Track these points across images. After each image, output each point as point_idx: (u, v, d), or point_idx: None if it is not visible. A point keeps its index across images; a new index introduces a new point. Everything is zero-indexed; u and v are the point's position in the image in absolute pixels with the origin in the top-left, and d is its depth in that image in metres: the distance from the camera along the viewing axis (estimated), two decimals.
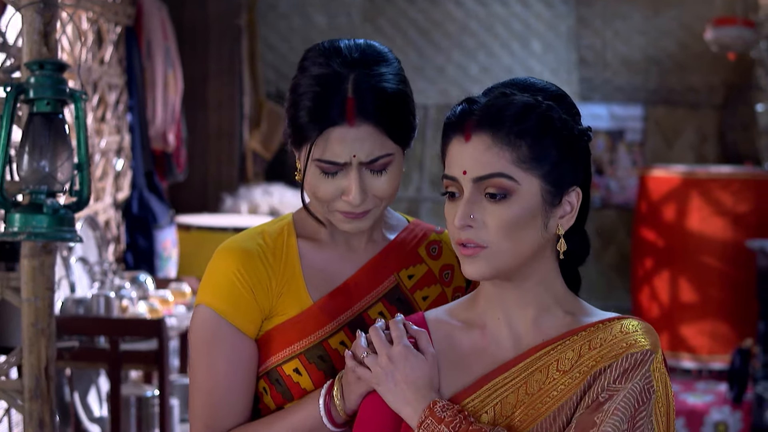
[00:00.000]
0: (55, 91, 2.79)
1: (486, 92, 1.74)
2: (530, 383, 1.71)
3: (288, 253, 1.97)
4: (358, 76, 1.87)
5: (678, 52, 8.54)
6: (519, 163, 1.67)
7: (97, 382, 4.50)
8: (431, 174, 8.57)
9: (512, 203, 1.68)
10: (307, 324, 1.95)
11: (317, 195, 1.90)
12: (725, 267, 6.67)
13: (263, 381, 1.97)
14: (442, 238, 2.09)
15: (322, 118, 1.85)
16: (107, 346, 3.89)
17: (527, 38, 8.65)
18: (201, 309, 1.95)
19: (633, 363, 1.67)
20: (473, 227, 1.68)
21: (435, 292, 2.04)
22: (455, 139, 1.72)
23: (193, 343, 1.97)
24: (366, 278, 2.00)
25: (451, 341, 1.79)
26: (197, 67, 6.67)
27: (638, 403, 1.65)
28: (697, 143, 8.62)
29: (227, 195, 6.67)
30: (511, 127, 1.67)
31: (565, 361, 1.71)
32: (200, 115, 6.80)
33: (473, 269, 1.70)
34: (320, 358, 1.94)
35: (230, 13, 6.91)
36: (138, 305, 4.19)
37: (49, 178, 2.81)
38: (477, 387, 1.73)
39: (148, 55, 5.51)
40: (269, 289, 1.95)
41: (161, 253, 5.21)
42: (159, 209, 5.30)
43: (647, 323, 1.74)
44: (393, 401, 1.74)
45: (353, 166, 1.87)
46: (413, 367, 1.73)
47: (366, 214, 1.92)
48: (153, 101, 5.52)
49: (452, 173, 1.71)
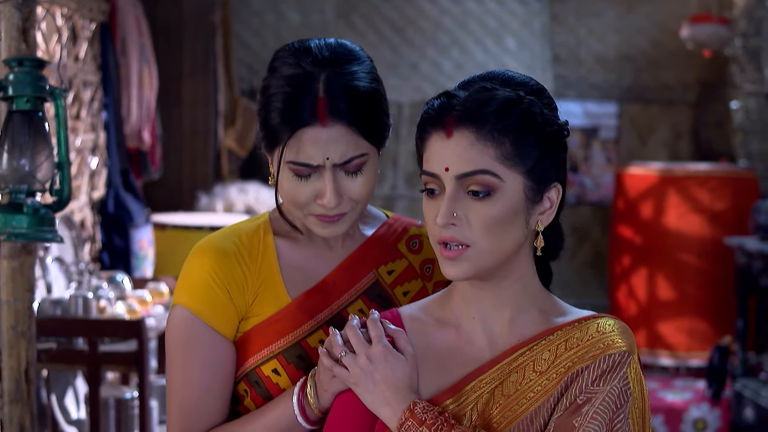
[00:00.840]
0: (35, 88, 2.74)
1: (463, 86, 1.71)
2: (506, 384, 1.69)
3: (265, 251, 1.95)
4: (329, 76, 1.84)
5: (652, 50, 8.55)
6: (503, 159, 1.64)
7: (74, 384, 4.43)
8: (406, 171, 8.54)
9: (496, 201, 1.65)
10: (285, 323, 1.93)
11: (291, 199, 1.87)
12: (703, 264, 6.68)
13: (243, 383, 1.94)
14: (422, 232, 2.06)
15: (294, 119, 1.82)
16: (86, 347, 3.83)
17: (501, 35, 8.64)
18: (177, 310, 1.92)
19: (611, 364, 1.65)
20: (456, 225, 1.65)
21: (416, 286, 2.02)
22: (435, 134, 1.68)
23: (169, 345, 1.94)
24: (344, 275, 1.98)
25: (426, 339, 1.76)
26: (171, 64, 6.60)
27: (616, 406, 1.64)
28: (671, 140, 8.64)
29: (202, 193, 6.61)
30: (495, 123, 1.64)
31: (542, 362, 1.69)
32: (174, 112, 6.73)
33: (455, 270, 1.67)
34: (299, 358, 1.92)
35: (205, 10, 6.85)
36: (116, 306, 4.13)
37: (29, 177, 2.75)
38: (456, 390, 1.71)
39: (123, 52, 5.44)
40: (245, 288, 1.92)
41: (137, 253, 5.14)
42: (135, 208, 5.23)
43: (623, 322, 1.72)
44: (371, 402, 1.71)
45: (327, 168, 1.84)
46: (393, 368, 1.70)
47: (341, 218, 1.89)
48: (128, 99, 5.45)
49: (433, 170, 1.68)
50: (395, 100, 8.37)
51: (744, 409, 5.68)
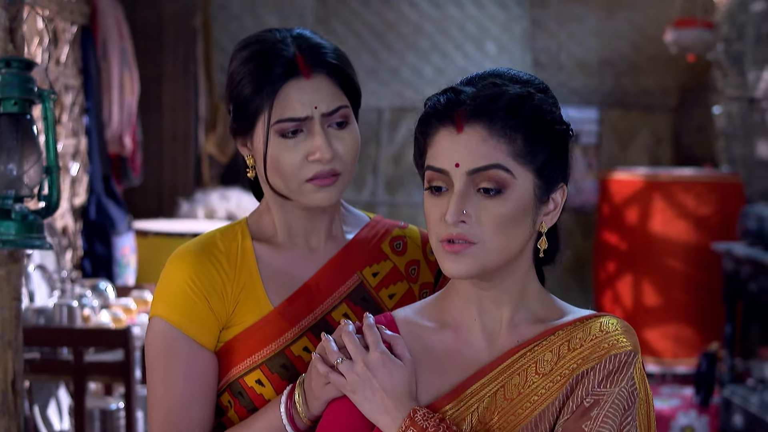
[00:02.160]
0: (23, 90, 2.66)
1: (468, 82, 1.67)
2: (508, 388, 1.65)
3: (243, 257, 1.90)
4: (297, 38, 1.87)
5: (632, 55, 8.55)
6: (515, 156, 1.61)
7: (57, 395, 4.34)
8: (386, 177, 8.47)
9: (507, 199, 1.61)
10: (268, 331, 1.88)
11: (283, 168, 1.84)
12: (689, 270, 6.65)
13: (227, 394, 1.90)
14: (406, 233, 2.03)
15: (275, 78, 1.83)
16: (71, 357, 3.73)
17: (482, 40, 8.61)
18: (155, 321, 1.88)
19: (617, 365, 1.62)
20: (466, 223, 1.60)
21: (401, 289, 1.98)
22: (443, 129, 1.63)
23: (148, 357, 1.90)
24: (327, 278, 1.93)
25: (422, 343, 1.71)
26: (151, 68, 6.50)
27: (625, 408, 1.60)
28: (652, 146, 8.62)
29: (183, 200, 6.53)
30: (507, 119, 1.61)
31: (544, 363, 1.65)
32: (154, 117, 6.64)
33: (459, 267, 1.61)
34: (283, 367, 1.88)
35: (185, 13, 6.76)
36: (100, 314, 4.04)
37: (17, 182, 2.67)
38: (455, 394, 1.66)
39: (104, 56, 5.35)
40: (224, 295, 1.88)
41: (120, 260, 5.05)
42: (117, 215, 5.14)
43: (625, 321, 1.68)
44: (369, 410, 1.66)
45: (315, 119, 1.83)
46: (391, 375, 1.65)
47: (335, 180, 1.86)
48: (109, 103, 5.36)
49: (441, 165, 1.62)
50: (375, 106, 8.33)
51: (733, 415, 5.64)
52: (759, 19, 7.23)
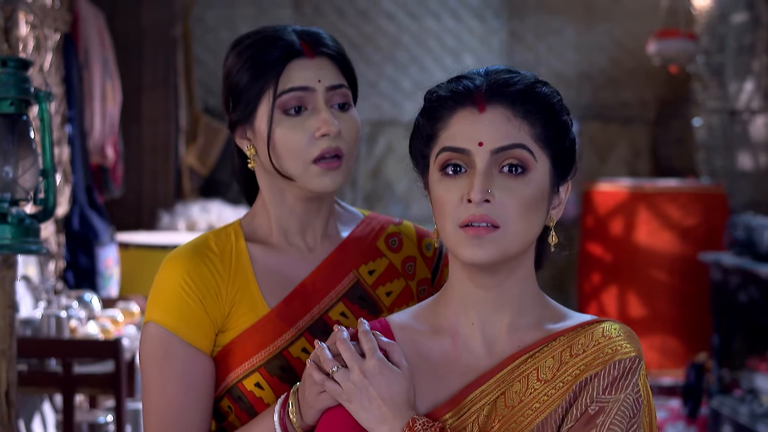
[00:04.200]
0: (20, 90, 2.58)
1: (477, 72, 1.65)
2: (509, 395, 1.60)
3: (238, 258, 1.88)
4: (297, 29, 1.89)
5: (610, 68, 8.55)
6: (536, 139, 1.59)
7: (42, 409, 4.23)
8: (364, 191, 8.42)
9: (529, 180, 1.58)
10: (265, 333, 1.85)
11: (289, 148, 1.83)
12: (674, 281, 6.63)
13: (226, 399, 1.87)
14: (401, 229, 2.01)
15: (278, 59, 1.83)
16: (59, 369, 3.64)
17: (460, 53, 8.59)
18: (150, 326, 1.85)
19: (621, 371, 1.57)
20: (490, 203, 1.56)
21: (399, 286, 1.95)
22: (463, 110, 1.60)
23: (143, 363, 1.86)
24: (323, 277, 1.91)
25: (419, 350, 1.66)
26: (131, 79, 6.40)
27: (631, 415, 1.56)
28: (631, 158, 8.62)
29: (164, 212, 6.43)
30: (528, 102, 1.60)
31: (545, 370, 1.60)
32: (134, 128, 6.54)
33: (480, 253, 1.56)
34: (282, 369, 1.84)
35: (165, 23, 6.67)
36: (87, 326, 3.94)
37: (13, 185, 2.59)
38: (455, 402, 1.61)
39: (86, 65, 5.25)
40: (219, 297, 1.85)
41: (103, 272, 4.95)
42: (100, 226, 5.03)
43: (627, 326, 1.64)
44: (366, 419, 1.61)
45: (319, 93, 1.83)
46: (389, 383, 1.60)
47: (340, 164, 1.85)
48: (91, 113, 5.26)
49: (462, 145, 1.58)
50: None
51: (722, 426, 5.61)
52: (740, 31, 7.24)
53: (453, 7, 8.63)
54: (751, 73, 7.04)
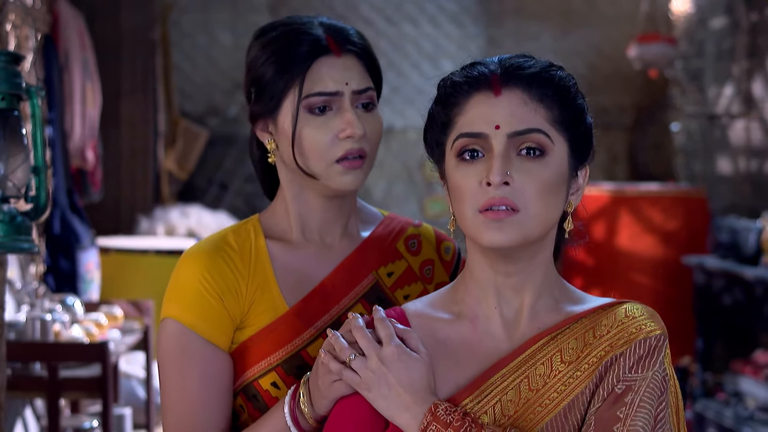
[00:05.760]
0: (11, 85, 2.51)
1: (491, 59, 1.63)
2: (533, 378, 1.57)
3: (257, 255, 1.85)
4: (323, 22, 1.85)
5: (588, 73, 8.57)
6: (553, 122, 1.57)
7: (24, 415, 4.16)
8: None
9: (547, 164, 1.56)
10: (283, 332, 1.81)
11: (312, 147, 1.81)
12: (656, 284, 6.62)
13: (240, 398, 1.83)
14: (420, 231, 1.98)
15: (306, 55, 1.80)
16: (45, 373, 3.56)
17: (437, 58, 8.57)
18: (168, 323, 1.81)
19: (647, 349, 1.56)
20: (510, 186, 1.53)
21: (416, 290, 1.92)
22: (478, 94, 1.58)
23: (162, 360, 1.82)
24: (343, 278, 1.87)
25: (436, 336, 1.63)
26: (110, 82, 6.33)
27: (659, 393, 1.54)
28: (608, 164, 8.63)
29: (142, 216, 6.37)
30: (544, 86, 1.58)
31: (569, 351, 1.58)
32: (113, 132, 6.48)
33: (500, 237, 1.53)
34: (299, 369, 1.81)
35: (144, 26, 6.62)
36: (72, 329, 3.88)
37: (4, 182, 2.52)
38: (475, 386, 1.58)
39: (66, 67, 5.18)
40: (239, 294, 1.82)
41: (84, 276, 4.88)
42: (81, 230, 4.96)
43: (649, 307, 1.62)
44: (386, 407, 1.57)
45: (346, 96, 1.81)
46: (408, 369, 1.57)
47: (362, 163, 1.82)
48: (71, 115, 5.19)
49: (479, 129, 1.57)
50: None
51: (706, 430, 5.60)
52: (719, 36, 7.26)
53: (431, 13, 8.62)
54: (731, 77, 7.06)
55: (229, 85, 8.13)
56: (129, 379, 4.95)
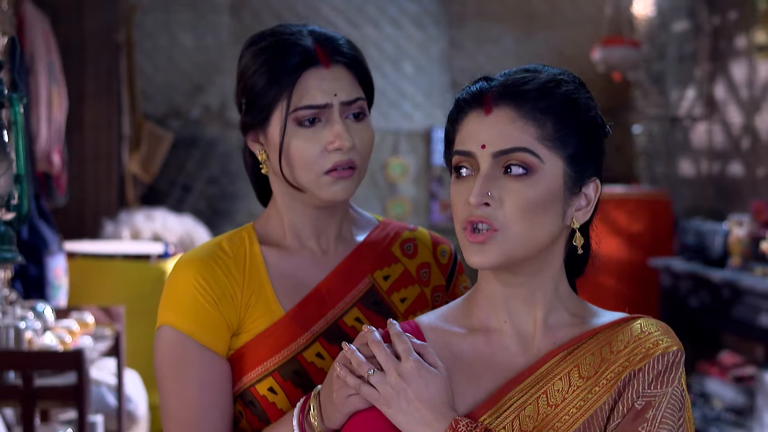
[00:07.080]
0: None
1: (501, 75, 1.62)
2: (551, 393, 1.58)
3: (252, 261, 1.86)
4: (312, 31, 1.85)
5: None
6: (543, 140, 1.55)
7: None
8: None
9: (534, 182, 1.55)
10: (279, 337, 1.82)
11: (301, 159, 1.81)
12: (622, 287, 6.66)
13: (238, 404, 1.83)
14: (416, 235, 1.98)
15: (294, 67, 1.80)
16: (19, 382, 3.51)
17: (399, 60, 8.58)
18: (164, 330, 1.81)
19: (666, 365, 1.56)
20: (489, 206, 1.54)
21: (413, 293, 1.92)
22: (472, 113, 1.59)
23: (159, 368, 1.82)
24: (338, 282, 1.88)
25: (451, 350, 1.63)
26: (73, 85, 6.25)
27: (679, 408, 1.55)
28: None
29: (107, 220, 6.31)
30: (537, 101, 1.56)
31: (587, 366, 1.58)
32: (76, 136, 6.41)
33: (482, 258, 1.54)
34: (296, 374, 1.81)
35: (108, 29, 6.55)
36: (44, 337, 3.82)
37: None
38: (493, 402, 1.58)
39: (31, 69, 5.12)
40: (234, 299, 1.82)
41: (53, 282, 4.82)
42: (49, 235, 4.90)
43: (663, 322, 1.63)
44: (406, 423, 1.55)
45: (335, 108, 1.81)
46: (427, 384, 1.56)
47: (352, 173, 1.83)
48: (37, 119, 5.12)
49: (467, 148, 1.57)
50: None
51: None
52: (681, 39, 7.33)
53: (392, 15, 8.62)
54: (693, 80, 7.12)
55: (191, 87, 8.09)
56: (99, 386, 4.90)
